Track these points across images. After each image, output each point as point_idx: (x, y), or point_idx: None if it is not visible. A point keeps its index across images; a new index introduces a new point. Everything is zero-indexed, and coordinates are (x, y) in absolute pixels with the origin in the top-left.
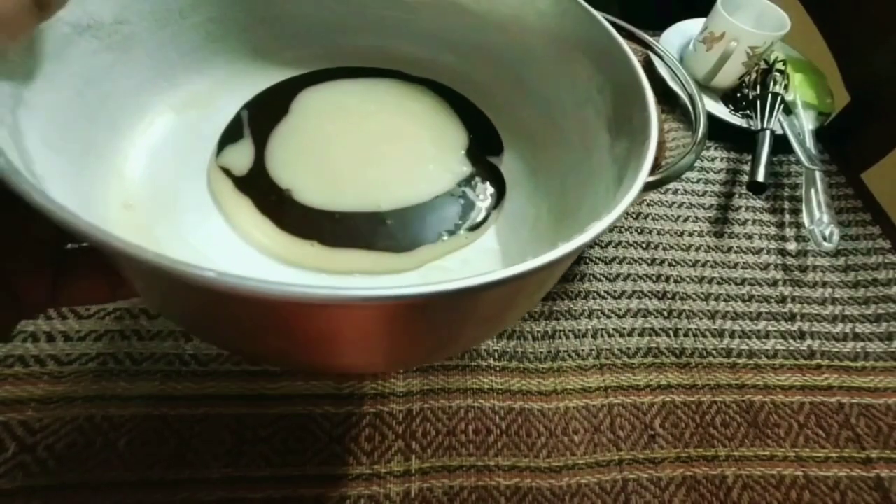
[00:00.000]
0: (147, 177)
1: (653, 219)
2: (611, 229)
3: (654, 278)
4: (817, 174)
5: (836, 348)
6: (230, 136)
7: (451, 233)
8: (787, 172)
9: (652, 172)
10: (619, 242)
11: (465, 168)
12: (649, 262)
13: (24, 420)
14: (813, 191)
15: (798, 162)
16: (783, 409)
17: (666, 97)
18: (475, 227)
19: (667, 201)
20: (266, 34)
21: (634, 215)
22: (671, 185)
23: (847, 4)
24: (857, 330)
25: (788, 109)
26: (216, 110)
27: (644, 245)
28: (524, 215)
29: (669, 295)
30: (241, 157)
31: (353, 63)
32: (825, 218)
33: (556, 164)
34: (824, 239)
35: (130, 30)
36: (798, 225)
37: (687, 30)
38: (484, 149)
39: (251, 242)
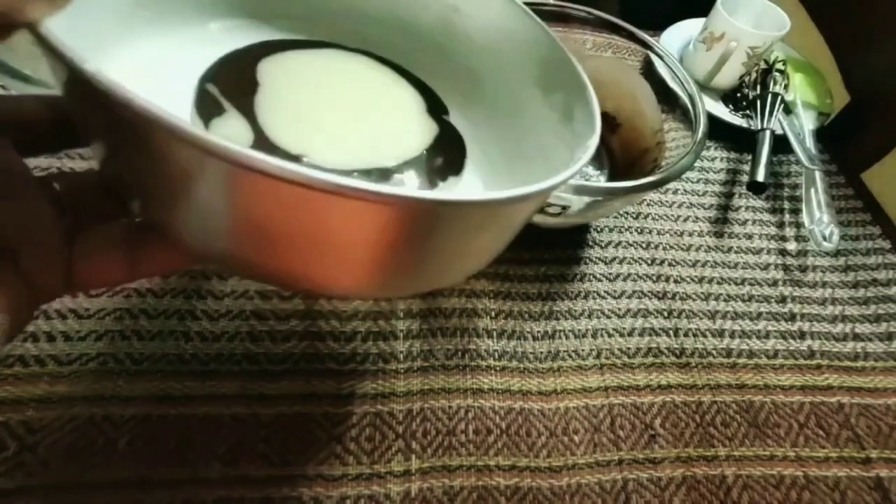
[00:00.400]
0: None
1: (653, 219)
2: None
3: (654, 278)
4: (817, 174)
5: (837, 348)
6: (209, 110)
7: (443, 178)
8: (787, 172)
9: (652, 172)
10: (619, 242)
11: (435, 125)
12: (649, 262)
13: (24, 420)
14: (813, 191)
15: (798, 162)
16: (783, 408)
17: (666, 97)
18: (458, 172)
19: (667, 201)
20: (192, 4)
21: (634, 215)
22: (671, 185)
23: (847, 4)
24: (857, 330)
25: (788, 109)
26: (166, 82)
27: (644, 245)
28: (485, 158)
29: (669, 295)
30: (235, 128)
31: (286, 35)
32: (825, 218)
33: (492, 117)
34: (824, 239)
35: None
36: (798, 225)
37: (687, 30)
38: (436, 109)
39: None
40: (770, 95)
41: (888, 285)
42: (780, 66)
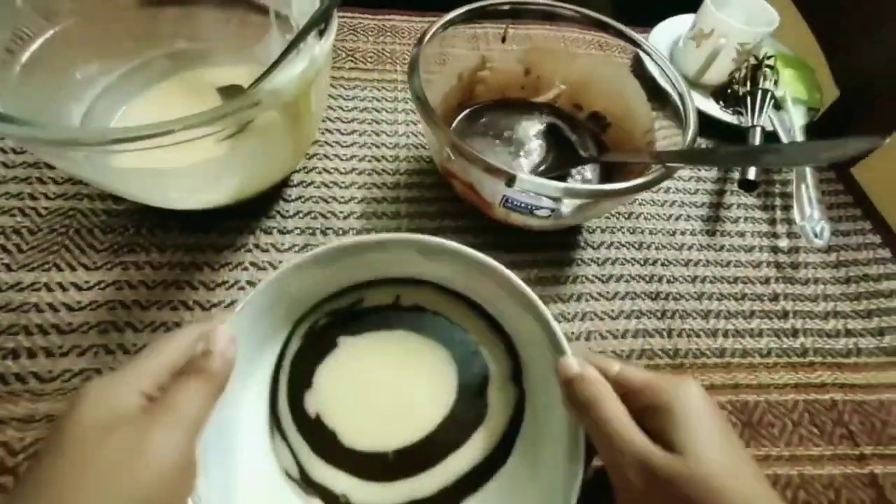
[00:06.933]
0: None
1: (645, 218)
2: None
3: (647, 279)
4: (808, 170)
5: (829, 345)
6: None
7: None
8: (777, 169)
9: (643, 172)
10: (612, 243)
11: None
12: (642, 262)
13: (4, 440)
14: (803, 187)
15: None
16: (777, 407)
17: (656, 95)
18: (457, 448)
19: (658, 200)
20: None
21: (626, 215)
22: (662, 184)
23: None
24: (849, 326)
25: (778, 105)
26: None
27: (636, 245)
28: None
29: (662, 295)
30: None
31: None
32: (816, 214)
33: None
34: (815, 235)
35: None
36: (789, 222)
37: (676, 26)
38: (513, 375)
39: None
40: (760, 91)
41: (879, 280)
42: (769, 61)
